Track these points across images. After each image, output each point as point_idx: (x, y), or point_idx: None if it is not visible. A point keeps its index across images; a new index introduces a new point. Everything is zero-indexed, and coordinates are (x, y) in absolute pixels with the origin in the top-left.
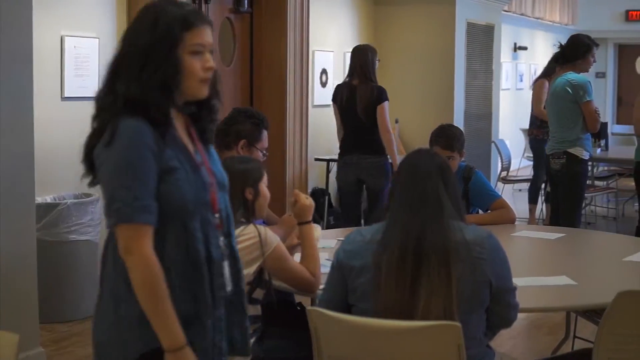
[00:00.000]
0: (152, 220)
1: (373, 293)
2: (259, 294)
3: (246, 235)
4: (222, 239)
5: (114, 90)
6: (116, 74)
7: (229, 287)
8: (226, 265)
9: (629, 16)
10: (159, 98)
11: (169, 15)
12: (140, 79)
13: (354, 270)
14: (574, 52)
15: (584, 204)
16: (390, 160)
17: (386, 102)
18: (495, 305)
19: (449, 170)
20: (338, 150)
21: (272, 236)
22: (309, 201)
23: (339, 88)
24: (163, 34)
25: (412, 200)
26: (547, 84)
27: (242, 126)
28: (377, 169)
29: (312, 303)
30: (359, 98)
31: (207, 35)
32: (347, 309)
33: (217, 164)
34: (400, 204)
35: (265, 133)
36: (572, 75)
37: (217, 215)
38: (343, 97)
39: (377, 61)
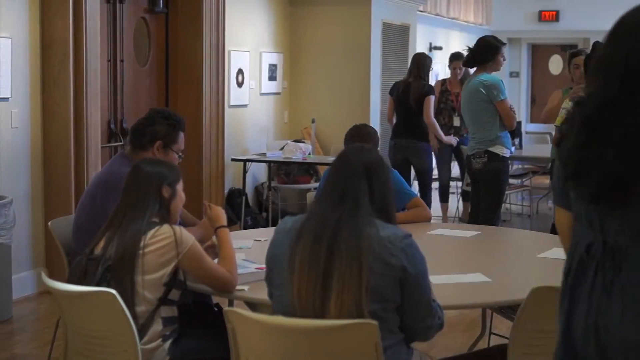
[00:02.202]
0: None
1: (288, 281)
2: (174, 294)
3: (161, 235)
4: None
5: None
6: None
7: None
8: None
9: (542, 16)
10: None
11: None
12: None
13: (274, 258)
14: (483, 54)
15: None
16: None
17: (432, 96)
18: (409, 314)
19: (379, 169)
20: (256, 151)
21: (187, 235)
22: (220, 208)
23: (396, 84)
24: None
25: (333, 196)
26: None
27: (159, 127)
28: (422, 151)
29: (230, 304)
30: (412, 91)
31: None
32: None
33: None
34: (322, 197)
35: (181, 135)
36: (484, 76)
37: None
38: (399, 90)
39: (432, 68)
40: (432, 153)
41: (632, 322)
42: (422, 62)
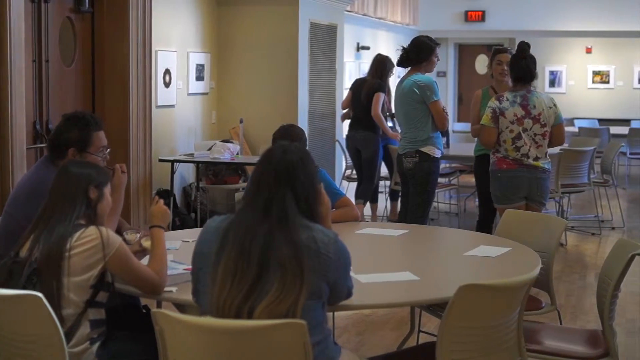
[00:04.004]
0: None
1: (210, 284)
2: (102, 297)
3: (87, 237)
4: None
5: None
6: None
7: None
8: None
9: (468, 17)
10: None
11: None
12: None
13: (202, 256)
14: (418, 55)
15: None
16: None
17: (381, 93)
18: (333, 298)
19: (300, 168)
20: (184, 151)
21: (113, 237)
22: (166, 209)
23: (356, 80)
24: None
25: (258, 204)
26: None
27: (69, 134)
28: (367, 140)
29: (159, 306)
30: (364, 88)
31: None
32: None
33: None
34: (247, 204)
35: (96, 134)
36: (417, 76)
37: None
38: (355, 86)
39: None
40: (379, 143)
41: None
42: (381, 63)
